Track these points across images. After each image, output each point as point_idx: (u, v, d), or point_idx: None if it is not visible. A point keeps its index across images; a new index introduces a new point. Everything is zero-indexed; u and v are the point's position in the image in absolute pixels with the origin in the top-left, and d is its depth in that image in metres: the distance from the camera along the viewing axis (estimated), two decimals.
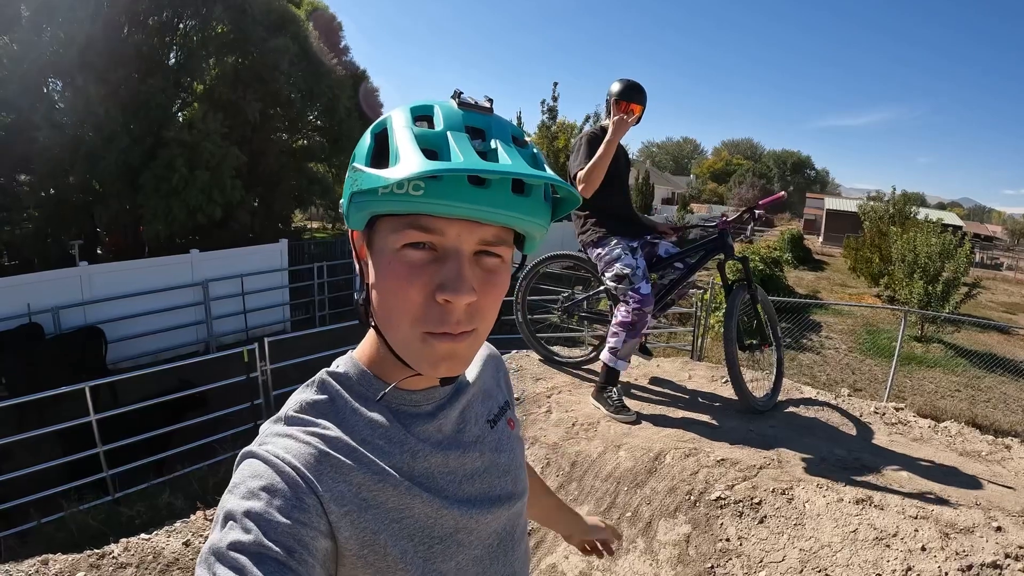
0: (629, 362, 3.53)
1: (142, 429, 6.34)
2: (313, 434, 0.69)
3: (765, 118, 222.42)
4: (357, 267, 0.74)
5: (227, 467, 4.30)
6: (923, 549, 2.14)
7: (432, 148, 0.61)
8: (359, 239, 0.71)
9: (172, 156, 11.50)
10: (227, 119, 12.75)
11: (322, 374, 0.77)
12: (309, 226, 28.11)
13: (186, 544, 3.22)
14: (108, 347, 9.44)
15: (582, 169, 3.35)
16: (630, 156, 4.00)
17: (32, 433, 5.79)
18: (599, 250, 3.49)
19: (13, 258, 12.48)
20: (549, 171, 0.65)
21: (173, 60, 13.44)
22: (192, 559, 3.13)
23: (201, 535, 3.35)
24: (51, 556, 3.18)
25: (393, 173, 0.59)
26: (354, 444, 0.70)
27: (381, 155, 0.64)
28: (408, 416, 0.76)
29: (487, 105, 0.67)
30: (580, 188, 3.40)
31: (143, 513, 5.50)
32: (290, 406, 0.74)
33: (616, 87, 3.51)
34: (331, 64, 14.51)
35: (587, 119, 21.61)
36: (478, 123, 0.66)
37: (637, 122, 3.62)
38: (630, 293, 3.36)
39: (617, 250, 3.42)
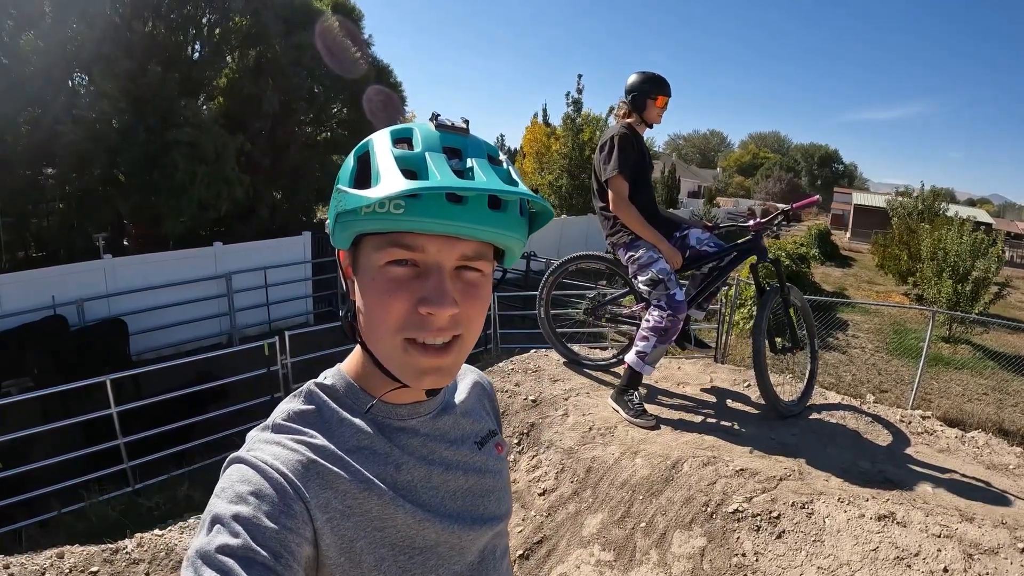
0: (655, 367, 3.47)
1: (164, 421, 6.42)
2: (301, 442, 0.71)
3: (793, 111, 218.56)
4: (344, 285, 0.77)
5: None
6: (945, 571, 2.06)
7: (411, 168, 0.64)
8: (345, 258, 0.74)
9: (173, 153, 11.39)
10: (245, 112, 12.74)
11: (309, 385, 0.79)
12: None
13: None
14: (131, 339, 9.55)
15: (614, 177, 3.31)
16: (655, 149, 3.94)
17: (57, 424, 5.90)
18: (630, 252, 3.43)
19: (40, 250, 12.67)
20: (524, 187, 0.67)
21: (197, 55, 13.49)
22: None
23: None
24: (67, 549, 3.23)
25: (374, 193, 0.62)
26: (340, 453, 0.71)
27: (363, 176, 0.66)
28: (393, 429, 0.77)
29: (463, 126, 0.70)
30: (611, 196, 3.38)
31: (162, 505, 5.59)
32: (277, 415, 0.75)
33: (636, 80, 3.40)
34: (354, 57, 14.48)
35: (611, 111, 21.52)
36: (455, 143, 0.68)
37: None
38: (664, 299, 3.30)
39: (650, 253, 3.37)
